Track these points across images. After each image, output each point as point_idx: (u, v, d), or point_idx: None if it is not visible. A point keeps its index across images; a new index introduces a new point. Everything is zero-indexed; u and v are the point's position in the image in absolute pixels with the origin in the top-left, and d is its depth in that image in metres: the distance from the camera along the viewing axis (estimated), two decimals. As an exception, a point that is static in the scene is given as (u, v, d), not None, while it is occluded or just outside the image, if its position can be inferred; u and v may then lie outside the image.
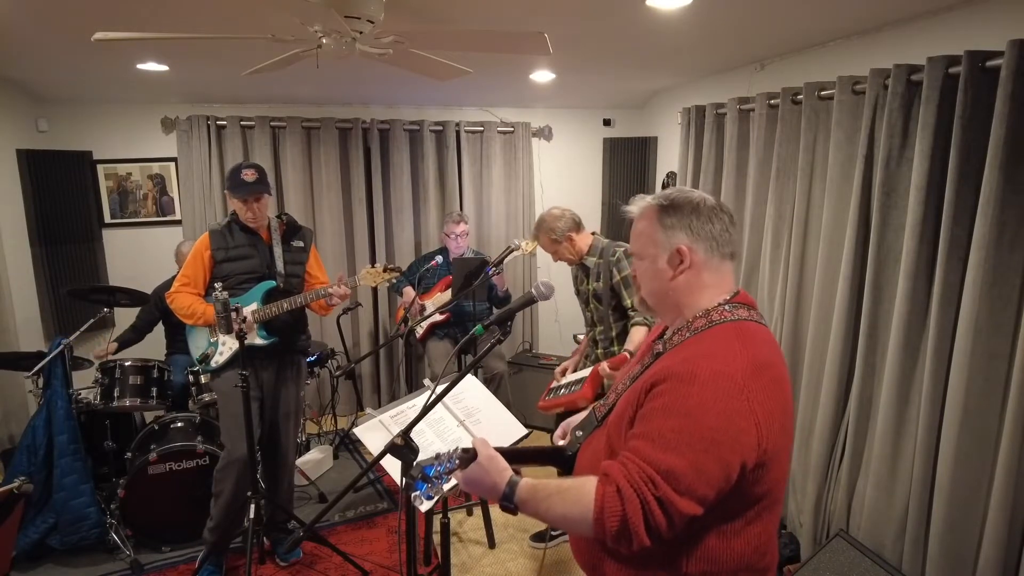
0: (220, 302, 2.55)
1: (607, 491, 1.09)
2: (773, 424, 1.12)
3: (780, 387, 1.17)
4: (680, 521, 1.08)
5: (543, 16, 2.51)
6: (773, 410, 1.12)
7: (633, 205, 1.33)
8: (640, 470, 1.08)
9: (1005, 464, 2.04)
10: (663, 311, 1.32)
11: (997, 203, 2.01)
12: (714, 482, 1.08)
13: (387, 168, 4.70)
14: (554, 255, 2.94)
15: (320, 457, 3.91)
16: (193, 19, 2.47)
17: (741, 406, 1.09)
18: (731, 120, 3.35)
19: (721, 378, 1.10)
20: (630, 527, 1.06)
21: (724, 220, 1.25)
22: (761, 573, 1.22)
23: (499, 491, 1.20)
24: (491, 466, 1.23)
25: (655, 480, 1.07)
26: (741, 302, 1.25)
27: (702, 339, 1.19)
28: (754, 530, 1.17)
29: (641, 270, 1.31)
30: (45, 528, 2.90)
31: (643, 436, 1.12)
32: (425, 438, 1.90)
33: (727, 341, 1.17)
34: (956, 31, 2.32)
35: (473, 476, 1.23)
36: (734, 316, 1.21)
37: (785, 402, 1.18)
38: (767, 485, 1.15)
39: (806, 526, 2.89)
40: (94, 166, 4.30)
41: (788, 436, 1.20)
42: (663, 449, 1.08)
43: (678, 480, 1.06)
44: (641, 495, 1.07)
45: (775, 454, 1.14)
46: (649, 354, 1.34)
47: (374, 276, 2.95)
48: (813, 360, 2.87)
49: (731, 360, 1.12)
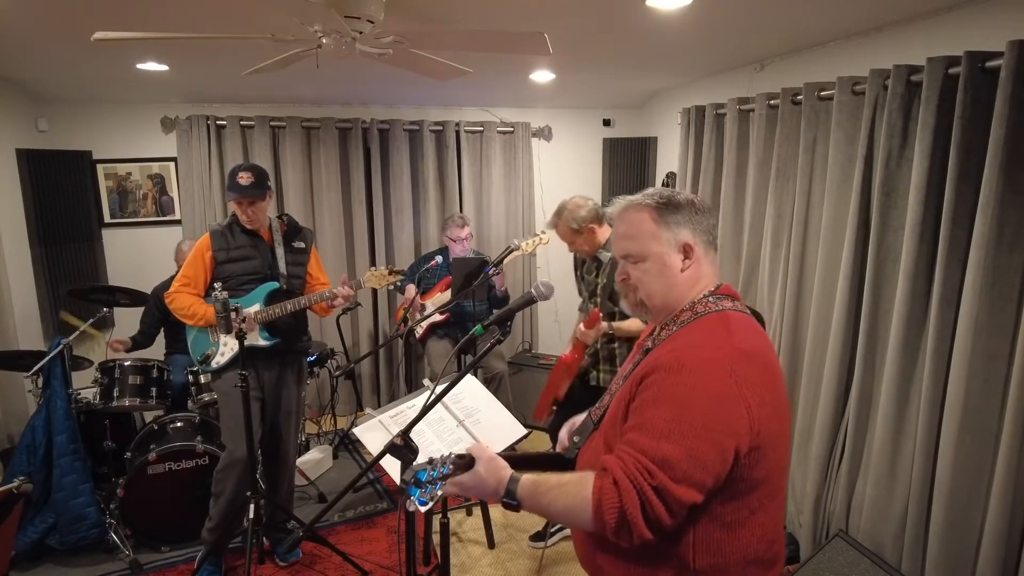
0: (220, 302, 2.55)
1: (604, 484, 1.10)
2: (764, 408, 1.12)
3: (769, 372, 1.17)
4: (680, 510, 1.08)
5: (543, 16, 2.51)
6: (763, 394, 1.13)
7: (614, 208, 1.33)
8: (635, 461, 1.09)
9: (1005, 464, 2.05)
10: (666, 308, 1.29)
11: (997, 203, 2.01)
12: (710, 467, 1.08)
13: (387, 168, 4.70)
14: (571, 245, 2.87)
15: (320, 457, 3.91)
16: (193, 19, 2.47)
17: (730, 391, 1.10)
18: (731, 120, 3.35)
19: (709, 364, 1.11)
20: (628, 519, 1.07)
21: (714, 215, 1.31)
22: (769, 564, 1.22)
23: (501, 490, 1.20)
24: (491, 467, 1.23)
25: (650, 469, 1.07)
26: (725, 294, 1.28)
27: (689, 330, 1.21)
28: (759, 520, 1.18)
29: (643, 270, 1.28)
30: (44, 528, 2.90)
31: (636, 428, 1.13)
32: (425, 438, 1.90)
33: (713, 330, 1.19)
34: (956, 31, 2.33)
35: (473, 481, 1.23)
36: (718, 307, 1.24)
37: (775, 387, 1.18)
38: (765, 470, 1.15)
39: (805, 526, 2.89)
40: (94, 166, 4.30)
41: (783, 421, 1.21)
42: (656, 438, 1.09)
43: (673, 468, 1.07)
44: (638, 486, 1.07)
45: (770, 438, 1.14)
46: (640, 352, 1.35)
47: (379, 278, 2.94)
48: (813, 360, 2.87)
49: (718, 347, 1.14)
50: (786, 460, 1.26)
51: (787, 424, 1.24)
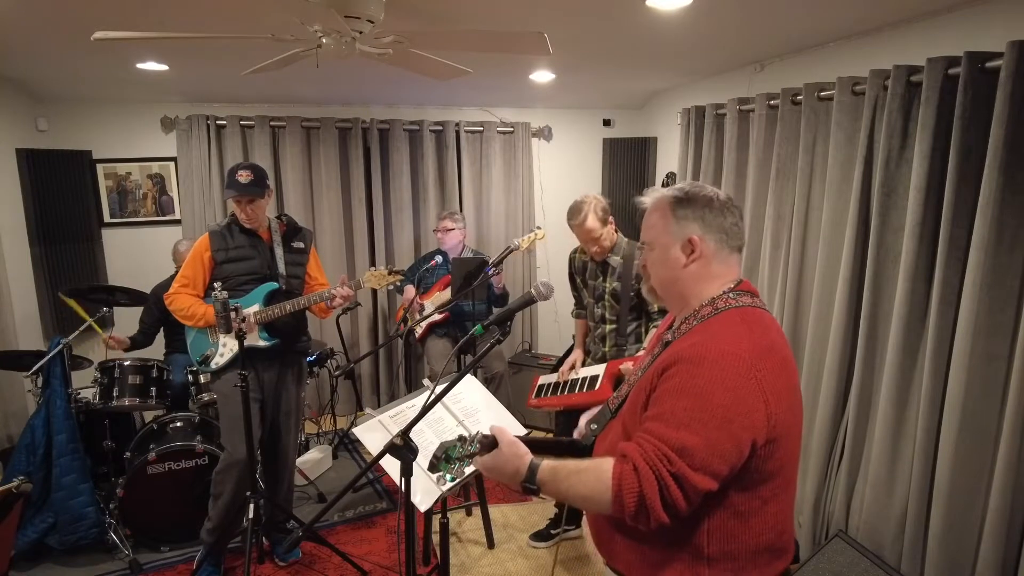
0: (220, 302, 2.55)
1: (624, 469, 1.13)
2: (781, 402, 1.16)
3: (786, 368, 1.21)
4: (696, 496, 1.12)
5: (543, 16, 2.51)
6: (781, 389, 1.17)
7: (647, 196, 1.37)
8: (655, 448, 1.12)
9: (1004, 464, 2.04)
10: (670, 300, 1.36)
11: (997, 204, 2.01)
12: (727, 457, 1.11)
13: (387, 168, 4.70)
14: (594, 243, 2.80)
15: (319, 457, 3.91)
16: (193, 19, 2.47)
17: (750, 384, 1.13)
18: (731, 121, 3.35)
19: (729, 358, 1.14)
20: (647, 503, 1.10)
21: (735, 214, 1.30)
22: (780, 552, 1.26)
23: (521, 474, 1.24)
24: (512, 451, 1.26)
25: (670, 457, 1.10)
26: (745, 290, 1.30)
27: (709, 325, 1.23)
28: (771, 509, 1.21)
29: (651, 259, 1.35)
30: (44, 528, 2.89)
31: (657, 417, 1.16)
32: (424, 438, 1.90)
33: (733, 325, 1.21)
34: (956, 32, 2.33)
35: (496, 462, 1.27)
36: (738, 303, 1.26)
37: (792, 382, 1.22)
38: (779, 462, 1.19)
39: (805, 526, 2.89)
40: (93, 165, 4.30)
41: (797, 415, 1.25)
42: (676, 427, 1.12)
43: (692, 456, 1.10)
44: (657, 472, 1.10)
45: (785, 431, 1.18)
46: (659, 344, 1.38)
47: (378, 279, 2.94)
48: (812, 361, 2.87)
49: (738, 341, 1.17)
50: (797, 452, 1.29)
51: (800, 418, 1.28)
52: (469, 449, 1.31)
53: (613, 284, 2.86)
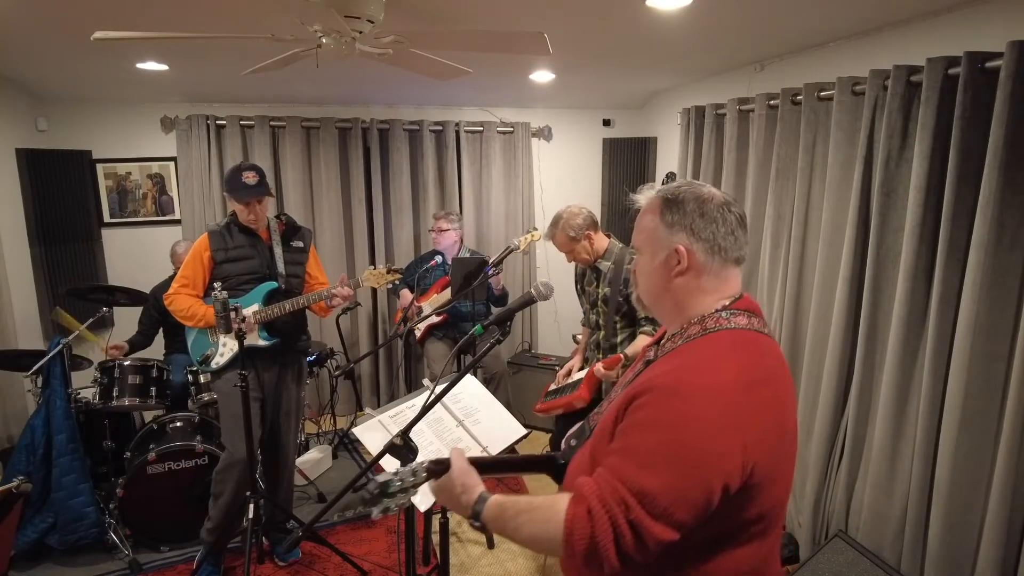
0: (219, 302, 2.55)
1: (577, 512, 1.01)
2: (763, 444, 1.03)
3: (777, 405, 1.07)
4: (654, 546, 0.99)
5: (543, 16, 2.51)
6: (765, 429, 1.04)
7: (641, 195, 1.25)
8: (613, 490, 1.00)
9: (1004, 465, 2.04)
10: (657, 311, 1.25)
11: (996, 204, 2.01)
12: (692, 506, 0.99)
13: (387, 168, 4.70)
14: (569, 255, 2.83)
15: (319, 457, 3.91)
16: (193, 19, 2.47)
17: (726, 423, 1.00)
18: (731, 121, 3.35)
19: (708, 392, 1.02)
20: (600, 550, 0.99)
21: (731, 221, 1.14)
22: None
23: (468, 507, 1.15)
24: (461, 480, 1.18)
25: (628, 502, 0.99)
26: (742, 308, 1.15)
27: (694, 348, 1.11)
28: (747, 551, 1.09)
29: (639, 266, 1.24)
30: (44, 528, 2.89)
31: (620, 452, 1.04)
32: (424, 438, 1.90)
33: (719, 351, 1.09)
34: (956, 32, 2.33)
35: (444, 487, 1.20)
36: (731, 324, 1.12)
37: (781, 421, 1.08)
38: (759, 509, 1.06)
39: (805, 526, 2.89)
40: (93, 165, 4.29)
41: (788, 458, 1.12)
42: (639, 466, 1.00)
43: (653, 502, 0.98)
44: (613, 518, 0.99)
45: (768, 476, 1.04)
46: (642, 361, 1.28)
47: (377, 278, 2.94)
48: (812, 361, 2.87)
49: (721, 372, 1.04)
50: (785, 495, 1.15)
51: (792, 459, 1.14)
52: (411, 480, 1.21)
53: (604, 290, 2.83)
